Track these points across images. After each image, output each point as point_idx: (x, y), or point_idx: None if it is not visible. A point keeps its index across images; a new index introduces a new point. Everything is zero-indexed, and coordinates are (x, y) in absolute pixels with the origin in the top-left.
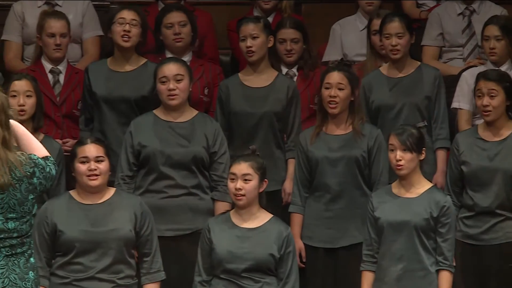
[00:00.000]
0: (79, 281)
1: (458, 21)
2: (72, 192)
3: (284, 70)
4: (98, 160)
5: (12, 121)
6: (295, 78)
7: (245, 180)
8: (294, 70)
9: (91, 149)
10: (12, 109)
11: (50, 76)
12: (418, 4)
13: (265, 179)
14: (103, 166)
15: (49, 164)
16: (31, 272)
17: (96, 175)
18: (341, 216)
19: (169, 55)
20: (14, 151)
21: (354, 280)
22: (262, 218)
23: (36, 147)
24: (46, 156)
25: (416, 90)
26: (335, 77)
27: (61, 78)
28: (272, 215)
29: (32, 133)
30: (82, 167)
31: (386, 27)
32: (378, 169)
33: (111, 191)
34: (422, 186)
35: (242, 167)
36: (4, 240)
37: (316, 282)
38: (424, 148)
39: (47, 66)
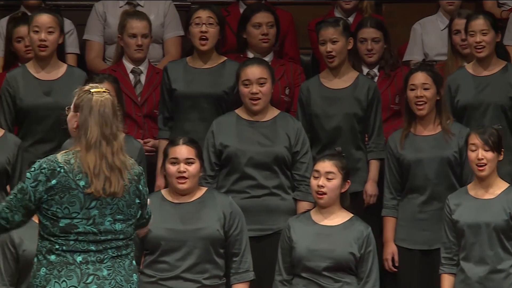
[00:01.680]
0: (164, 280)
1: None
2: (163, 191)
3: (365, 70)
4: (188, 162)
5: None
6: (376, 78)
7: (328, 178)
8: (375, 70)
9: (182, 151)
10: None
11: (131, 76)
12: (499, 4)
13: (348, 180)
14: (193, 168)
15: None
16: (134, 274)
17: (185, 177)
18: (436, 217)
19: (250, 54)
20: (125, 155)
21: None
22: (342, 217)
23: None
24: None
25: (501, 90)
26: (419, 77)
27: (142, 78)
28: (352, 215)
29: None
30: (172, 168)
31: (471, 24)
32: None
33: (202, 190)
34: (499, 186)
35: (326, 165)
36: (110, 241)
37: (412, 283)
38: (502, 150)
39: (129, 66)
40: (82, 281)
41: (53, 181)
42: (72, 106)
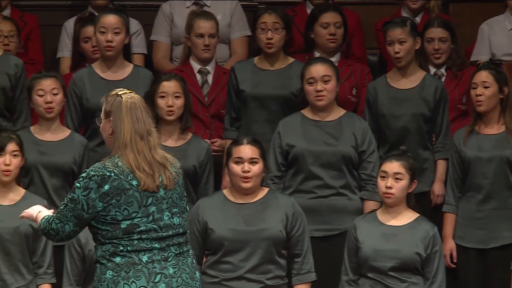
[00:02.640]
0: (228, 280)
1: None
2: (225, 191)
3: (432, 70)
4: (252, 161)
5: None
6: (443, 78)
7: (396, 179)
8: (443, 70)
9: (246, 150)
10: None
11: (198, 76)
12: None
13: (415, 180)
14: (257, 168)
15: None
16: (197, 272)
17: (249, 177)
18: (493, 217)
19: (317, 54)
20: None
21: (505, 281)
22: (409, 216)
23: None
24: None
25: None
26: (480, 76)
27: (210, 78)
28: (419, 215)
29: (180, 133)
30: (236, 168)
31: None
32: None
33: (265, 190)
34: None
35: (394, 166)
36: (172, 237)
37: (468, 282)
38: None
39: (196, 66)
40: (150, 281)
41: (106, 187)
42: (102, 114)
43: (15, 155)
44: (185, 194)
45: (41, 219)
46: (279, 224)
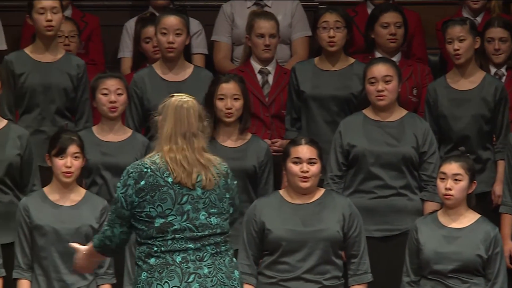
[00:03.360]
0: (285, 281)
1: None
2: (281, 192)
3: (493, 70)
4: (310, 162)
5: None
6: (503, 78)
7: (456, 180)
8: (503, 70)
9: (305, 150)
10: (221, 111)
11: (259, 76)
12: None
13: (474, 181)
14: (315, 168)
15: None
16: (235, 271)
17: (307, 177)
18: None
19: (378, 54)
20: (210, 153)
21: None
22: (469, 218)
23: None
24: None
25: None
26: None
27: (270, 78)
28: (479, 215)
29: (239, 133)
30: (294, 168)
31: None
32: None
33: (321, 191)
34: None
35: (453, 167)
36: (209, 237)
37: None
38: None
39: (256, 66)
40: (183, 281)
41: (142, 182)
42: (158, 113)
43: (76, 157)
44: (228, 195)
45: (93, 239)
46: (336, 224)
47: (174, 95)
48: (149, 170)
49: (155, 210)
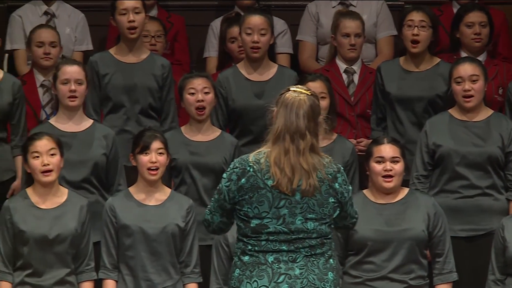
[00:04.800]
0: (371, 280)
1: None
2: (365, 191)
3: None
4: (394, 160)
5: None
6: None
7: None
8: None
9: (387, 149)
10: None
11: (344, 76)
12: None
13: None
14: (399, 167)
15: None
16: (330, 272)
17: (391, 176)
18: None
19: (464, 54)
20: (321, 154)
21: None
22: None
23: None
24: None
25: None
26: None
27: (355, 78)
28: None
29: (324, 133)
30: (377, 167)
31: None
32: None
33: (405, 190)
34: None
35: None
36: (303, 240)
37: None
38: None
39: (342, 66)
40: (273, 281)
41: (243, 180)
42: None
43: (160, 153)
44: (332, 200)
45: None
46: (421, 224)
47: (291, 88)
48: (251, 170)
49: (252, 211)
